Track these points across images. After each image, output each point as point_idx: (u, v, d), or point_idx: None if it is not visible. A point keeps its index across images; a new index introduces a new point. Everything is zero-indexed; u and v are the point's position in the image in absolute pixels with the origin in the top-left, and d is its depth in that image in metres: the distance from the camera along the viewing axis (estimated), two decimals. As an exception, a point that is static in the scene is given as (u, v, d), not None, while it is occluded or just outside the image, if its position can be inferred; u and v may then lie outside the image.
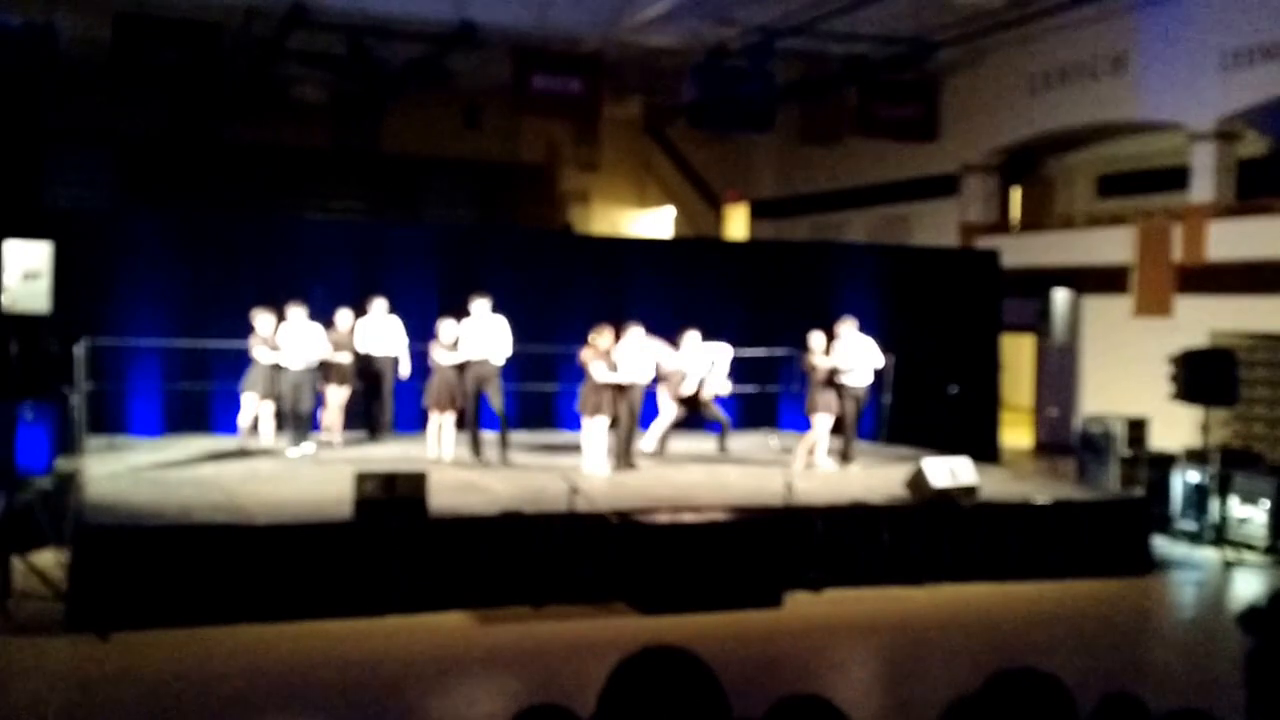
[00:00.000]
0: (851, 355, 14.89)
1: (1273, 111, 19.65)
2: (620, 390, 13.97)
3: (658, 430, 15.80)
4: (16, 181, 21.88)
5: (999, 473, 15.89)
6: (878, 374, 15.49)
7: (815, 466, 14.78)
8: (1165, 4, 20.34)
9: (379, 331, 15.82)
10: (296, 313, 14.71)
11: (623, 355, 13.97)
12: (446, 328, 14.53)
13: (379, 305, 15.82)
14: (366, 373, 15.88)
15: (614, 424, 14.07)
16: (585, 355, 13.95)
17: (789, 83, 24.38)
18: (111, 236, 16.13)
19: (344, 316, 15.57)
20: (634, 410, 14.38)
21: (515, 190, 30.22)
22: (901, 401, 17.50)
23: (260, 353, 14.70)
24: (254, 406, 14.96)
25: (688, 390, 15.62)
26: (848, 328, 15.00)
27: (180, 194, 24.64)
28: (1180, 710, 3.34)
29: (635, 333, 14.18)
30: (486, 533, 11.21)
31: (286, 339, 14.67)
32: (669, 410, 15.77)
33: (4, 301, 10.78)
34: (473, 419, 14.73)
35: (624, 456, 14.28)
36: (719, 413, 16.12)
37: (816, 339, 14.87)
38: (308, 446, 14.88)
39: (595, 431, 14.04)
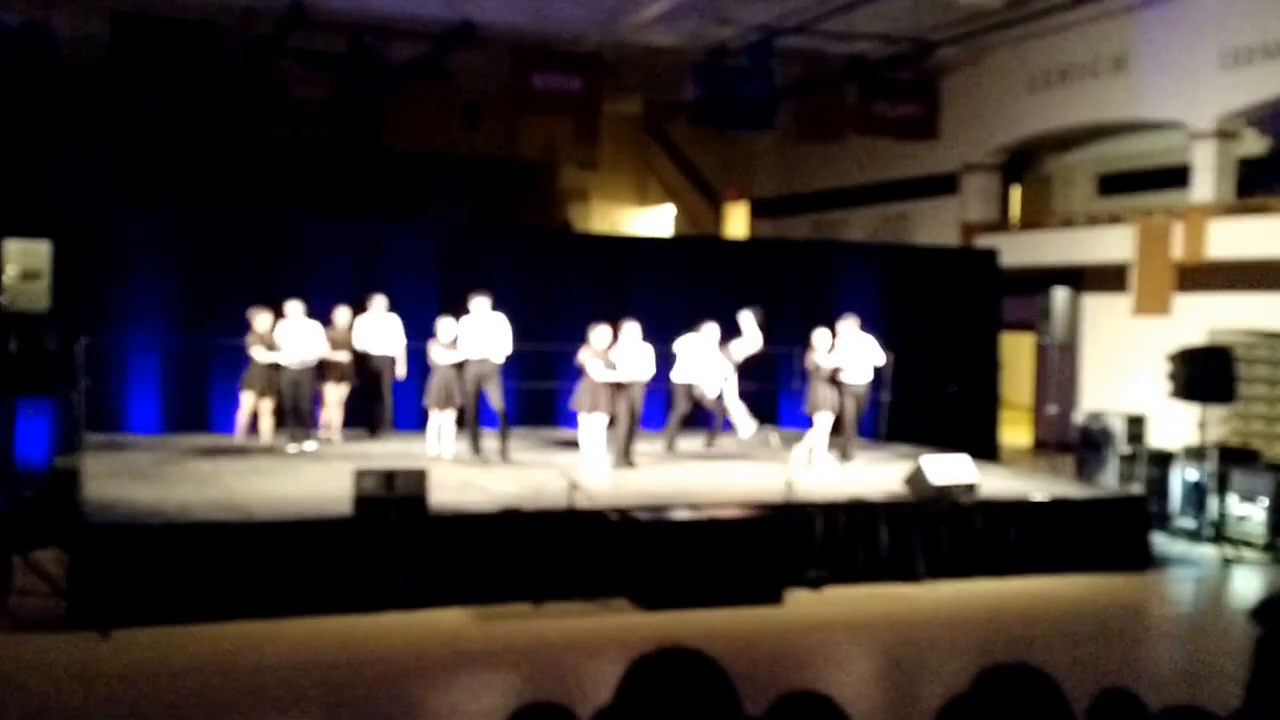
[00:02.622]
0: (853, 353, 14.89)
1: (1272, 111, 19.66)
2: (619, 388, 13.97)
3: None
4: (16, 180, 21.93)
5: (998, 470, 15.86)
6: (878, 372, 15.48)
7: (815, 464, 14.77)
8: (1165, 3, 20.32)
9: (378, 329, 15.81)
10: (294, 310, 14.70)
11: (620, 353, 13.97)
12: (446, 326, 14.52)
13: (378, 303, 15.82)
14: (365, 371, 15.87)
15: (613, 422, 14.07)
16: (583, 354, 13.96)
17: (789, 81, 24.35)
18: (111, 235, 16.12)
19: (343, 314, 15.57)
20: (633, 408, 14.37)
21: (515, 189, 30.21)
22: (901, 399, 17.49)
23: (258, 351, 14.70)
24: (252, 404, 14.96)
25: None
26: (849, 326, 15.00)
27: (179, 193, 24.61)
28: (1178, 706, 3.36)
29: (633, 330, 14.18)
30: (486, 530, 11.19)
31: (285, 337, 14.66)
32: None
33: (4, 300, 10.78)
34: (473, 417, 14.71)
35: (623, 455, 14.27)
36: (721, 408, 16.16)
37: (821, 337, 14.85)
38: (307, 444, 14.89)
39: (593, 429, 14.04)
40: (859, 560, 12.27)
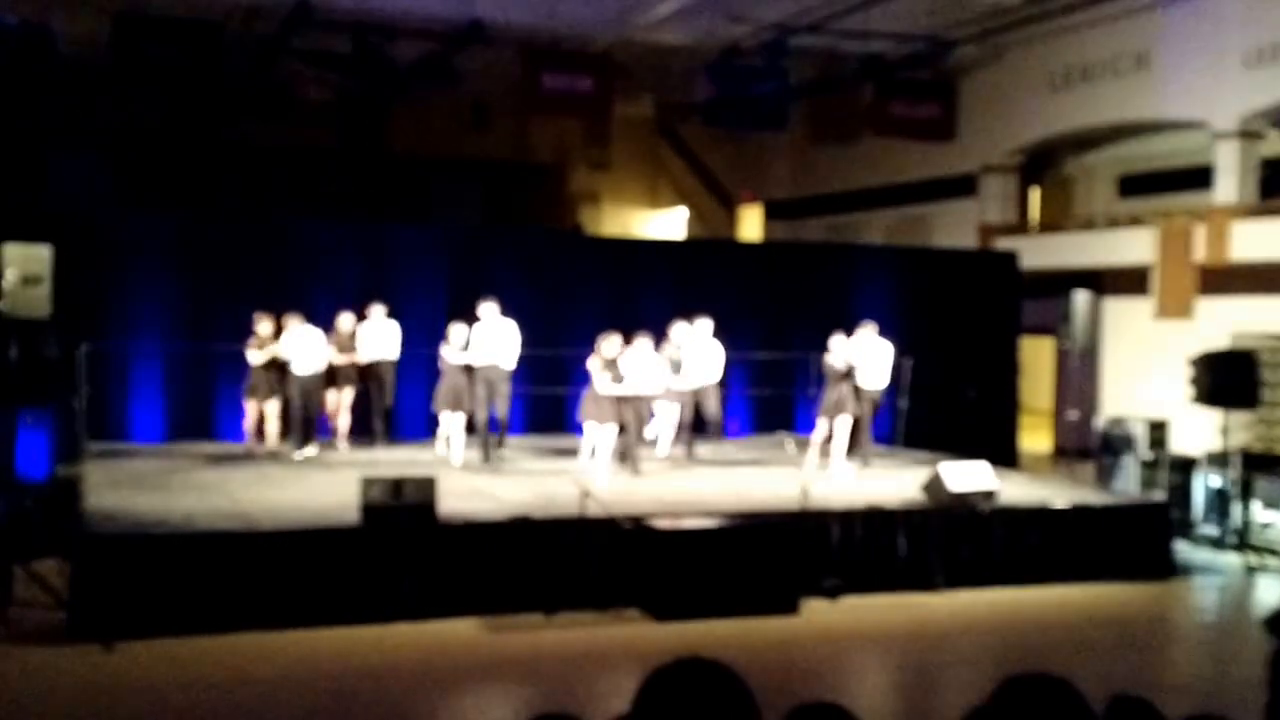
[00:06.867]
0: (870, 359, 14.75)
1: (1296, 110, 19.45)
2: (626, 398, 13.79)
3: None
4: (17, 183, 21.82)
5: (1018, 477, 15.74)
6: (894, 378, 15.31)
7: (830, 470, 14.57)
8: (1188, 1, 20.13)
9: (378, 336, 15.63)
10: (297, 318, 14.56)
11: (629, 363, 13.80)
12: (456, 331, 14.40)
13: (378, 310, 15.63)
14: (368, 377, 15.70)
15: (621, 431, 13.88)
16: (592, 363, 13.80)
17: (804, 81, 24.22)
18: (113, 239, 15.99)
19: (346, 320, 15.40)
20: (640, 417, 14.22)
21: (525, 191, 30.04)
22: (919, 405, 17.31)
23: (257, 356, 14.50)
24: (257, 411, 14.79)
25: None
26: (867, 331, 14.86)
27: (183, 195, 24.53)
28: (1199, 716, 3.38)
29: (644, 344, 14.05)
30: (496, 538, 11.09)
31: (289, 344, 14.50)
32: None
33: (4, 305, 10.64)
34: (483, 424, 14.57)
35: (630, 464, 14.09)
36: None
37: (838, 342, 14.69)
38: (312, 450, 14.73)
39: (600, 438, 13.87)
40: (876, 569, 12.14)
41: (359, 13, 19.87)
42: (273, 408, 14.75)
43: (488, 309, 14.45)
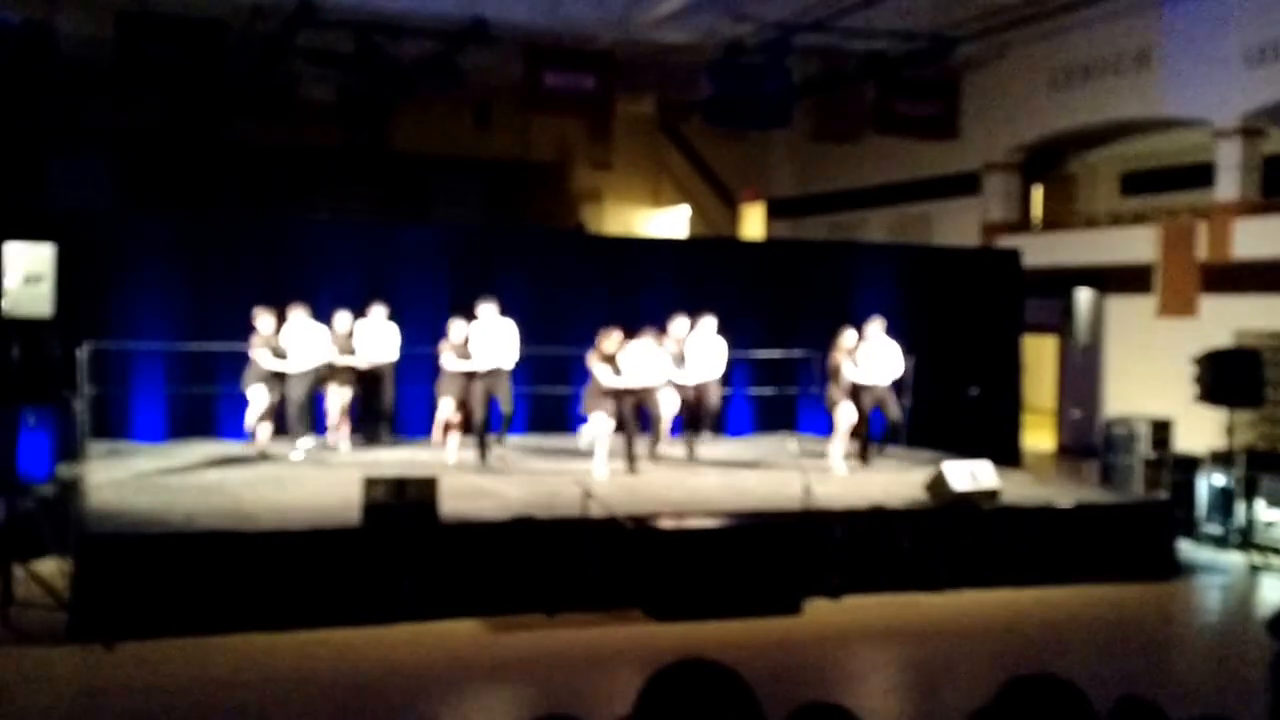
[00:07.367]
0: (876, 356, 14.73)
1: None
2: (626, 393, 13.76)
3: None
4: (18, 183, 21.76)
5: (1021, 476, 15.72)
6: (898, 378, 15.30)
7: (830, 469, 14.54)
8: (1189, -1, 20.11)
9: (377, 337, 15.59)
10: (298, 315, 14.52)
11: (629, 359, 13.76)
12: (457, 330, 14.35)
13: (378, 311, 15.58)
14: (367, 379, 15.65)
15: (620, 427, 13.85)
16: (591, 357, 13.78)
17: (806, 79, 24.17)
18: (115, 238, 15.94)
19: (343, 320, 15.34)
20: (640, 413, 14.17)
21: (527, 189, 29.96)
22: (922, 404, 17.27)
23: (260, 355, 14.44)
24: (260, 402, 14.71)
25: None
26: (875, 329, 14.84)
27: (185, 194, 24.46)
28: (1203, 717, 3.45)
29: (647, 339, 14.00)
30: (498, 538, 11.06)
31: (289, 342, 14.45)
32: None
33: (5, 305, 10.60)
34: (482, 426, 14.52)
35: (628, 462, 14.07)
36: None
37: (848, 337, 14.66)
38: (310, 448, 14.65)
39: (599, 432, 13.84)
40: (879, 569, 12.10)
41: (361, 11, 19.83)
42: (271, 405, 14.69)
43: (486, 309, 14.41)
